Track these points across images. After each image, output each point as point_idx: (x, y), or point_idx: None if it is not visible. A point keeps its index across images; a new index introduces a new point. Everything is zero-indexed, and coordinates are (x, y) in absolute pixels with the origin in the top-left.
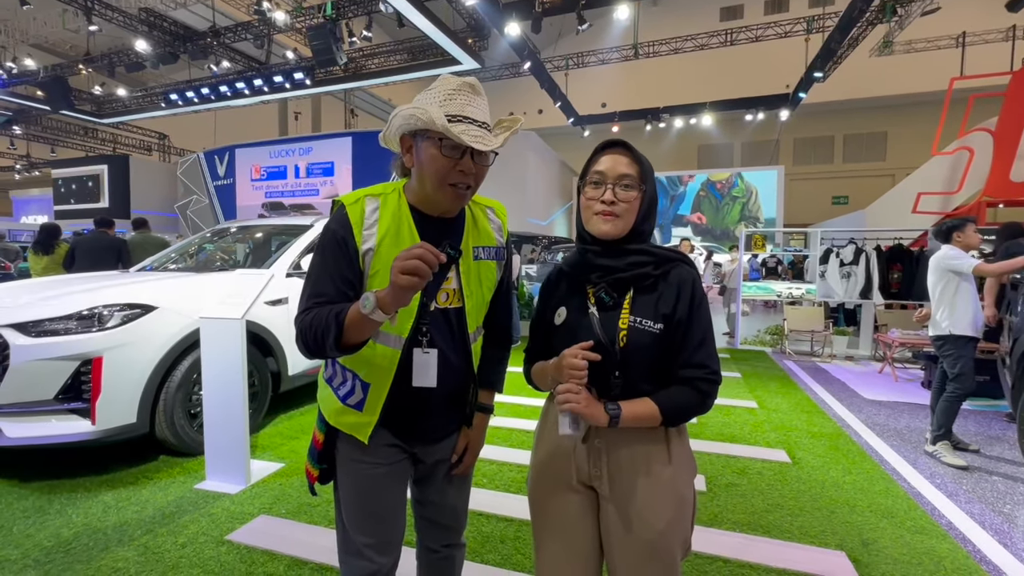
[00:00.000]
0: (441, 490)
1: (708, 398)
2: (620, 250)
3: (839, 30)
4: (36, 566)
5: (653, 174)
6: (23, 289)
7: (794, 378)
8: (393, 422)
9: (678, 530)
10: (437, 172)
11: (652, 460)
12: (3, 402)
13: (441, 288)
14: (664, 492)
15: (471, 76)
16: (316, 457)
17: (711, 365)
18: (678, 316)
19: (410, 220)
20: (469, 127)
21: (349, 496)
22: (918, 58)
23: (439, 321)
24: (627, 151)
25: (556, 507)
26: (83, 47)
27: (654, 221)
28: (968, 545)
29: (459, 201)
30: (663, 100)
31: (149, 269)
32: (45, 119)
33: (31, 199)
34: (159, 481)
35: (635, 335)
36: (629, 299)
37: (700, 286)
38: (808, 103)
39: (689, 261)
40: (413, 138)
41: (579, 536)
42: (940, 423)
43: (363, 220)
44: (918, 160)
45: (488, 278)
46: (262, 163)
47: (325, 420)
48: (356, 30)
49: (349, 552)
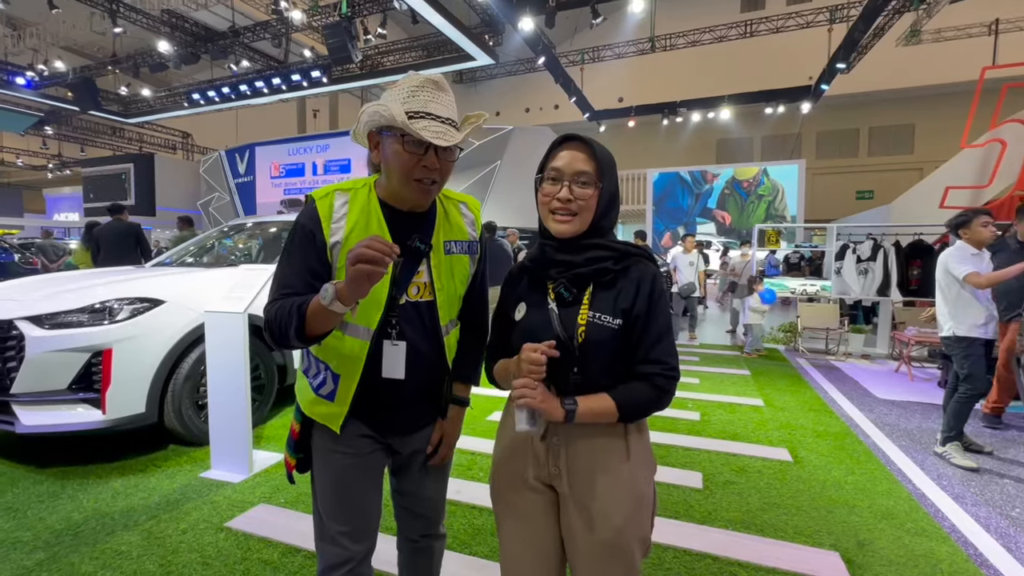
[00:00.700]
0: (418, 481)
1: (665, 394)
2: (579, 245)
3: (864, 19)
4: (46, 548)
5: (614, 169)
6: (38, 284)
7: (805, 376)
8: (365, 413)
9: (636, 528)
10: (401, 167)
11: (610, 457)
12: (20, 391)
13: (412, 282)
14: (622, 490)
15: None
16: (293, 447)
17: (668, 361)
18: (636, 311)
19: (379, 214)
20: (431, 123)
21: (324, 485)
22: (948, 47)
23: (410, 314)
24: (585, 146)
25: (515, 505)
26: (110, 49)
27: (615, 217)
28: (970, 548)
29: (425, 196)
30: (680, 94)
31: (168, 262)
32: (75, 119)
33: (63, 197)
34: (167, 469)
35: (593, 331)
36: (589, 295)
37: (660, 282)
38: (831, 95)
39: (650, 257)
40: (379, 134)
41: (539, 535)
42: (950, 424)
43: (332, 214)
44: (947, 153)
45: (461, 272)
46: (281, 160)
47: (301, 410)
48: (371, 27)
49: (324, 539)
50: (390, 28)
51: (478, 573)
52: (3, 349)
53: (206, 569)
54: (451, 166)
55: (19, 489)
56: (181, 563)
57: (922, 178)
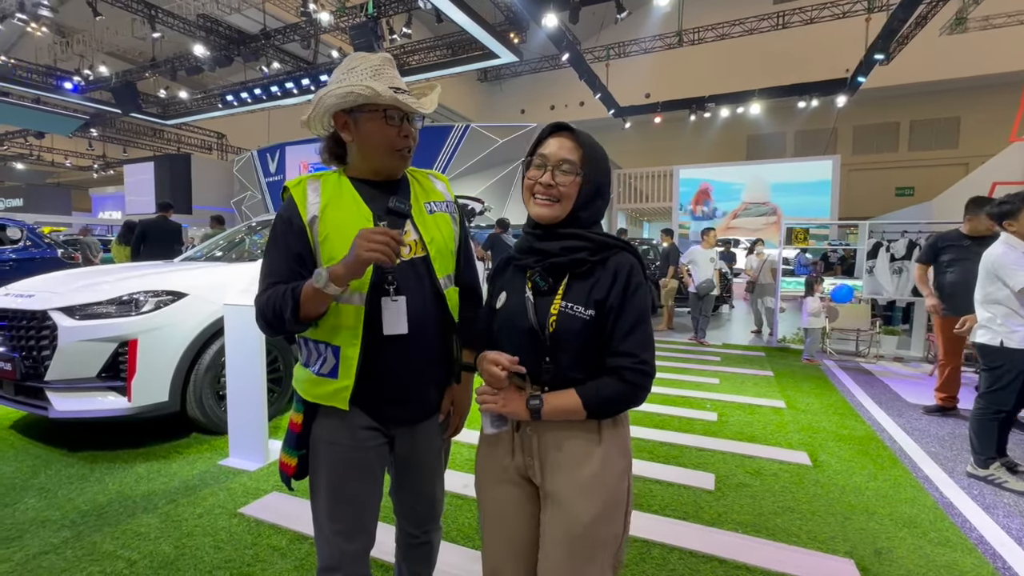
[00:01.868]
0: (419, 479)
1: (638, 389)
2: (557, 234)
3: (904, 7)
4: (72, 527)
5: (601, 162)
6: (73, 277)
7: (831, 378)
8: (370, 393)
9: (606, 525)
10: (386, 140)
11: (580, 450)
12: (53, 378)
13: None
14: (591, 485)
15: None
16: (294, 443)
17: (639, 354)
18: (610, 302)
19: (351, 188)
20: (406, 96)
21: (323, 481)
22: (996, 35)
23: (407, 272)
24: (572, 135)
25: (494, 499)
26: (149, 53)
27: (598, 210)
28: (998, 562)
29: (405, 163)
30: (709, 89)
31: (200, 255)
32: (118, 121)
33: (107, 196)
34: (188, 456)
35: (564, 320)
36: (564, 284)
37: (638, 274)
38: (868, 88)
39: (631, 248)
40: (349, 115)
41: (514, 530)
42: (984, 444)
43: (306, 197)
44: (995, 147)
45: (446, 227)
46: (310, 160)
47: (302, 401)
48: (396, 27)
49: (320, 537)
50: (415, 27)
51: (479, 565)
52: (38, 338)
53: (218, 552)
54: (417, 132)
55: (52, 471)
56: (195, 546)
57: (967, 174)
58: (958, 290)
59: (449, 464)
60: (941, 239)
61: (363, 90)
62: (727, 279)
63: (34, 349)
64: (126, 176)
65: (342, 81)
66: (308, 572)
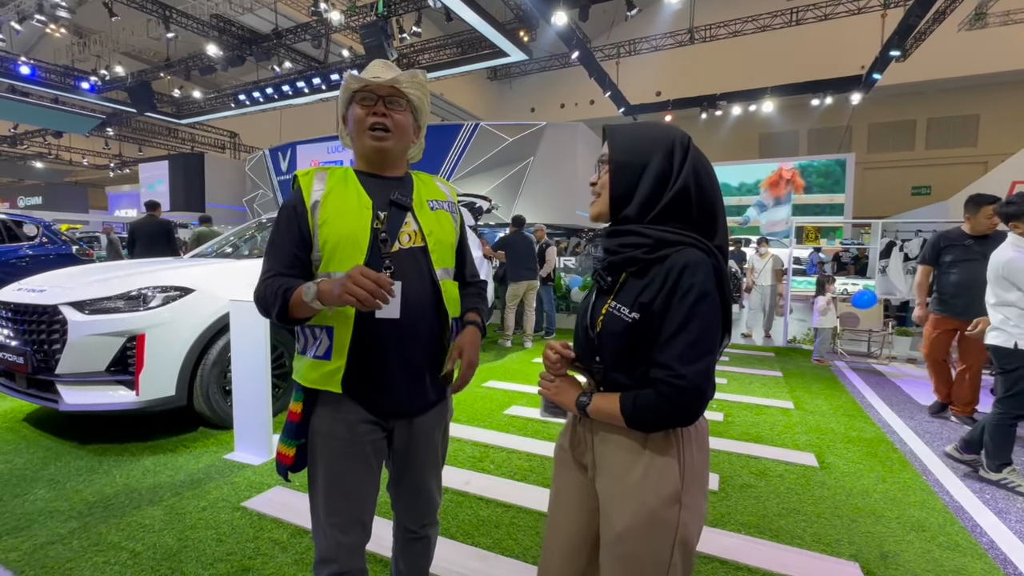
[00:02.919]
0: (416, 473)
1: (675, 406)
2: (616, 231)
3: (920, 3)
4: (79, 517)
5: (638, 141)
6: (84, 272)
7: (842, 379)
8: (363, 379)
9: (639, 545)
10: (358, 121)
11: (625, 458)
12: (63, 371)
13: (402, 231)
14: (627, 495)
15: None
16: (292, 432)
17: (676, 367)
18: (656, 306)
19: (355, 179)
20: (373, 77)
21: (319, 474)
22: (1017, 31)
23: (405, 259)
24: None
25: (556, 482)
26: (163, 53)
27: (641, 203)
28: (1009, 567)
29: (379, 143)
30: (721, 86)
31: (210, 251)
32: (133, 121)
33: (123, 194)
34: (194, 450)
35: (609, 322)
36: (620, 284)
37: (694, 275)
38: (884, 85)
39: (701, 245)
40: (347, 110)
41: (566, 517)
42: (999, 449)
43: (312, 184)
44: (1016, 145)
45: (446, 223)
46: (320, 158)
47: (301, 389)
48: (406, 26)
49: (317, 529)
50: (425, 26)
51: (480, 563)
52: (49, 332)
53: (220, 545)
54: (403, 117)
55: (61, 463)
56: (197, 538)
57: (986, 172)
58: (962, 291)
59: (450, 461)
60: (943, 239)
61: (348, 83)
62: (736, 278)
63: (45, 343)
64: (141, 172)
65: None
66: (308, 566)
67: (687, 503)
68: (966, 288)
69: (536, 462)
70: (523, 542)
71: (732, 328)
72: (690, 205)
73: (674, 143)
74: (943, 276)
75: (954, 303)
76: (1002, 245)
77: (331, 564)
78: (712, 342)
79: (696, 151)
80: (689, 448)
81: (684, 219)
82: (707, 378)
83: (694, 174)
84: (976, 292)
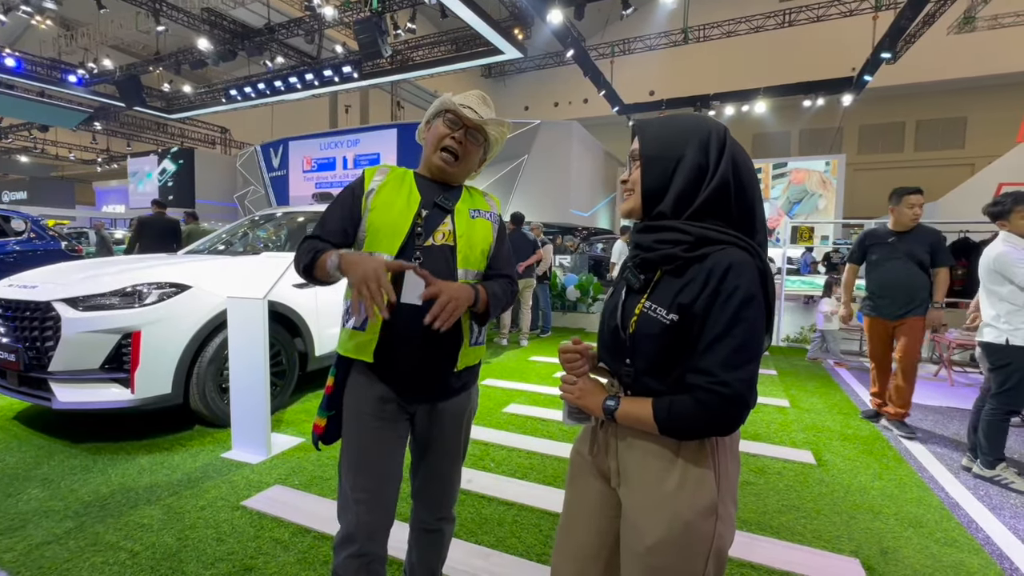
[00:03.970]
0: (435, 459)
1: (715, 415)
2: (653, 227)
3: (911, 6)
4: (74, 517)
5: (672, 135)
6: (77, 268)
7: (835, 378)
8: (389, 349)
9: (673, 559)
10: (436, 136)
11: (657, 466)
12: (56, 369)
13: (438, 229)
14: (661, 507)
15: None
16: (325, 404)
17: (718, 374)
18: (696, 308)
19: (411, 179)
20: (472, 113)
21: (349, 446)
22: (1005, 34)
23: (434, 254)
24: (636, 128)
25: (572, 489)
26: (153, 47)
27: (676, 199)
28: (1005, 562)
29: (444, 165)
30: (714, 87)
31: (202, 249)
32: (121, 115)
33: (110, 190)
34: (191, 448)
35: (643, 323)
36: (654, 282)
37: (738, 276)
38: (875, 87)
39: (744, 245)
40: (433, 120)
41: (582, 524)
42: (993, 445)
43: (374, 175)
44: (1002, 148)
45: (483, 230)
46: (313, 155)
47: (339, 357)
48: (401, 22)
49: (344, 506)
50: (419, 23)
51: (482, 561)
52: (42, 329)
53: (220, 544)
54: (474, 151)
55: (55, 462)
56: (197, 538)
57: (974, 174)
58: (886, 291)
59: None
60: (869, 236)
61: (445, 102)
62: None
63: (38, 340)
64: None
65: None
66: (311, 565)
67: (722, 514)
68: (889, 287)
69: (536, 460)
70: (526, 540)
71: (773, 331)
72: (729, 201)
73: (710, 135)
74: (870, 275)
75: (880, 303)
76: (993, 242)
77: (352, 543)
78: (757, 348)
79: (734, 143)
80: (724, 457)
81: (723, 216)
82: (751, 386)
83: (733, 168)
84: (899, 291)
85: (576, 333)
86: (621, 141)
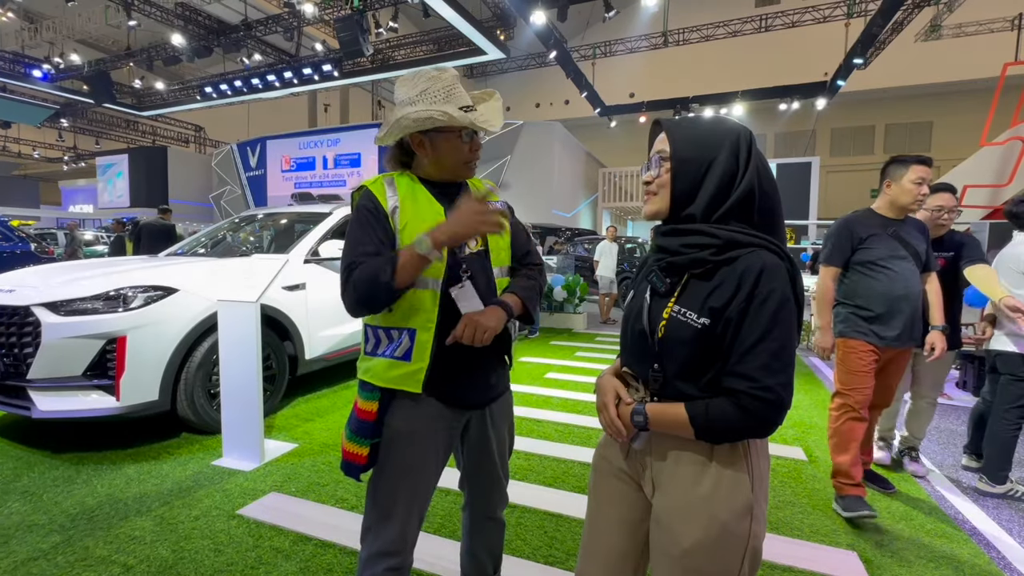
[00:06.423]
0: (491, 463)
1: (756, 420)
2: (679, 230)
3: (882, 14)
4: (61, 531)
5: (704, 137)
6: (56, 271)
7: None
8: (444, 375)
9: (711, 562)
10: (461, 156)
11: (691, 470)
12: (36, 377)
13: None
14: (696, 510)
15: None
16: (368, 432)
17: (760, 379)
18: (729, 312)
19: (423, 187)
20: (476, 115)
21: (393, 468)
22: (968, 42)
23: (473, 263)
24: (661, 126)
25: (600, 493)
26: (124, 42)
27: (707, 202)
28: (992, 551)
29: (471, 173)
30: (693, 89)
31: (180, 252)
32: (90, 112)
33: (78, 189)
34: (179, 456)
35: (673, 327)
36: (682, 286)
37: (772, 280)
38: (847, 91)
39: (775, 247)
40: (425, 135)
41: (609, 527)
42: (1003, 460)
43: (385, 191)
44: (966, 151)
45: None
46: (292, 154)
47: (375, 388)
48: (383, 21)
49: (379, 523)
50: (401, 22)
51: None
52: (20, 335)
53: (218, 555)
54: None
55: (35, 473)
56: (194, 549)
57: (939, 176)
58: (897, 306)
59: (450, 463)
60: (858, 225)
61: (440, 116)
62: None
63: (15, 346)
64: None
65: (415, 103)
66: (314, 574)
67: (757, 514)
68: (899, 300)
69: (535, 461)
70: (532, 542)
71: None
72: (753, 205)
73: (739, 139)
74: (864, 282)
75: (883, 324)
76: (1012, 242)
77: (394, 556)
78: (793, 351)
79: (757, 149)
80: (758, 457)
81: (747, 219)
82: (790, 390)
83: (757, 173)
84: (912, 305)
85: (564, 333)
86: (602, 142)
